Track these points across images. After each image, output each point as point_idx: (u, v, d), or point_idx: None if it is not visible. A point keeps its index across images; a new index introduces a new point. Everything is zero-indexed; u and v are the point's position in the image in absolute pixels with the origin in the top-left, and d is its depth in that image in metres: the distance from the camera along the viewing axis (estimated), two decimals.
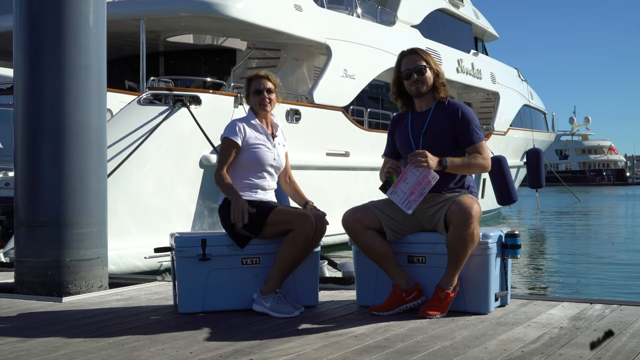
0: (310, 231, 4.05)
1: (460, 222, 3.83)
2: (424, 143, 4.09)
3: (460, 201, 3.90)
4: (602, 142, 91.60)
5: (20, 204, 4.99)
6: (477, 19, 21.85)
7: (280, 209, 4.15)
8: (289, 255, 4.05)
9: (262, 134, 4.31)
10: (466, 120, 4.08)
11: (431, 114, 4.14)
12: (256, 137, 4.28)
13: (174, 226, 9.26)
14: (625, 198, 42.68)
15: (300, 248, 4.05)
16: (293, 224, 4.04)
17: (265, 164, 4.28)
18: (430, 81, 4.13)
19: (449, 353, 3.10)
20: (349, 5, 14.93)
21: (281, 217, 4.09)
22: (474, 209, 3.85)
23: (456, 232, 3.84)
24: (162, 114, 9.60)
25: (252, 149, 4.25)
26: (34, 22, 4.96)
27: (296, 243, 4.03)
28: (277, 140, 4.38)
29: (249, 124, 4.32)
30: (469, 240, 3.84)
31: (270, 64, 14.30)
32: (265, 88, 4.32)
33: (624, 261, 11.74)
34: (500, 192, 17.80)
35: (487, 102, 21.69)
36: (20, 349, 3.30)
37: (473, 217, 3.83)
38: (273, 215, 4.09)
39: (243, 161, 4.25)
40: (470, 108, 4.20)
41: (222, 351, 3.19)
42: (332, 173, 12.68)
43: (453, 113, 4.10)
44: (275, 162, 4.33)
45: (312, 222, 4.06)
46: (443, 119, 4.10)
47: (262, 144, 4.28)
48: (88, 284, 4.91)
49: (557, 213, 26.15)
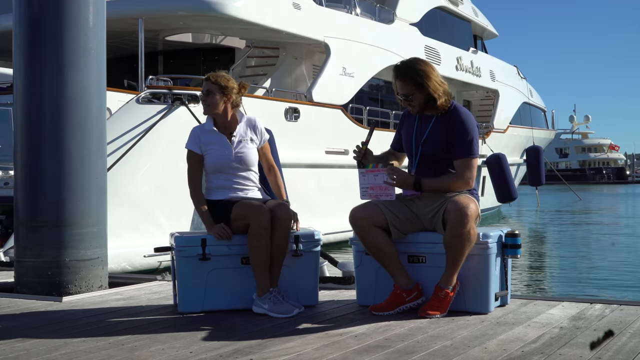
0: (264, 220, 4.02)
1: (456, 221, 3.82)
2: (422, 151, 4.09)
3: (456, 200, 3.89)
4: (602, 141, 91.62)
5: (20, 204, 4.98)
6: (476, 16, 21.84)
7: (241, 203, 4.16)
8: (254, 249, 4.04)
9: (216, 136, 4.28)
10: (462, 132, 4.01)
11: (433, 122, 4.09)
12: (210, 141, 4.27)
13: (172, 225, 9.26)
14: (625, 196, 42.71)
15: (261, 240, 4.02)
16: (248, 217, 4.05)
17: (224, 166, 4.25)
18: (421, 101, 4.04)
19: (449, 353, 3.10)
20: (347, 3, 14.92)
21: (239, 210, 4.12)
22: (470, 208, 3.84)
23: (453, 231, 3.84)
24: (160, 112, 9.60)
25: (208, 154, 4.27)
26: (33, 22, 4.96)
27: (253, 236, 4.02)
28: (237, 138, 4.30)
29: (203, 131, 4.32)
30: (466, 240, 3.83)
31: (269, 62, 14.30)
32: (204, 91, 4.30)
33: (624, 261, 11.74)
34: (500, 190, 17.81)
35: (487, 100, 21.69)
36: (20, 349, 3.29)
37: (469, 216, 3.82)
38: (234, 210, 4.13)
39: (206, 167, 4.30)
40: (472, 117, 4.12)
41: (222, 351, 3.19)
42: (331, 171, 12.69)
43: (452, 122, 4.04)
44: (236, 162, 4.26)
45: (263, 212, 4.03)
46: (443, 127, 4.05)
47: (215, 148, 4.26)
48: (88, 284, 4.91)
49: (557, 212, 26.15)
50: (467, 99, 21.70)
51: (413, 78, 4.00)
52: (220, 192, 4.26)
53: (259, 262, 4.06)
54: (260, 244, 4.04)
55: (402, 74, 4.04)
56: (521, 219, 22.60)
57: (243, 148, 4.30)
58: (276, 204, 4.17)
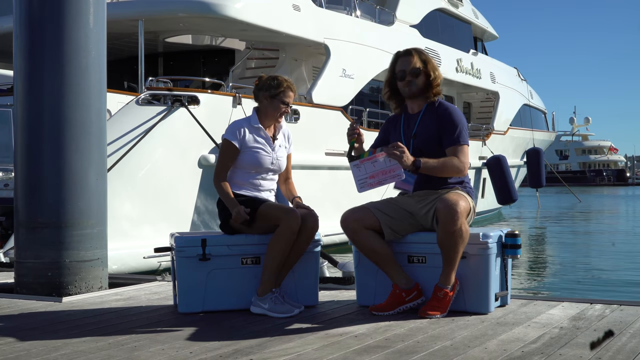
0: (296, 226, 4.04)
1: (446, 219, 3.82)
2: (414, 145, 4.09)
3: (445, 198, 3.89)
4: (602, 143, 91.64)
5: (20, 205, 4.99)
6: (476, 18, 21.84)
7: (269, 203, 4.18)
8: (276, 252, 4.04)
9: (262, 137, 4.30)
10: (451, 122, 4.05)
11: (421, 116, 4.14)
12: (255, 140, 4.28)
13: (173, 226, 9.27)
14: (625, 198, 42.69)
15: (286, 244, 4.04)
16: (279, 219, 4.05)
17: (262, 167, 4.28)
18: (422, 83, 4.12)
19: (449, 353, 3.10)
20: (347, 5, 14.93)
21: (269, 211, 4.12)
22: (460, 205, 3.83)
23: (443, 229, 3.84)
24: (160, 114, 9.60)
25: (249, 151, 4.26)
26: (34, 23, 4.96)
27: (282, 239, 4.03)
28: (278, 142, 4.37)
29: (249, 126, 4.31)
30: (458, 237, 3.83)
31: (269, 64, 14.30)
32: (288, 101, 4.32)
33: (624, 261, 11.74)
34: (501, 192, 17.82)
35: (487, 102, 21.69)
36: (20, 349, 3.29)
37: (459, 213, 3.82)
38: (262, 208, 4.12)
39: (240, 163, 4.27)
40: (459, 111, 4.19)
41: (222, 351, 3.19)
42: (331, 173, 12.68)
43: (440, 114, 4.09)
44: (273, 165, 4.32)
45: (297, 217, 4.05)
46: (431, 120, 4.10)
47: (261, 148, 4.28)
48: (88, 285, 4.91)
49: (558, 213, 26.15)
50: (467, 100, 21.71)
51: (420, 53, 4.17)
52: (245, 188, 4.27)
53: (274, 264, 4.07)
54: (284, 247, 4.05)
55: (407, 52, 4.18)
56: (521, 220, 22.58)
57: (281, 153, 4.36)
58: (306, 212, 4.19)
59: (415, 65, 4.11)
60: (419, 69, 4.11)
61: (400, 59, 4.18)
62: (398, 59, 4.19)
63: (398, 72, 4.15)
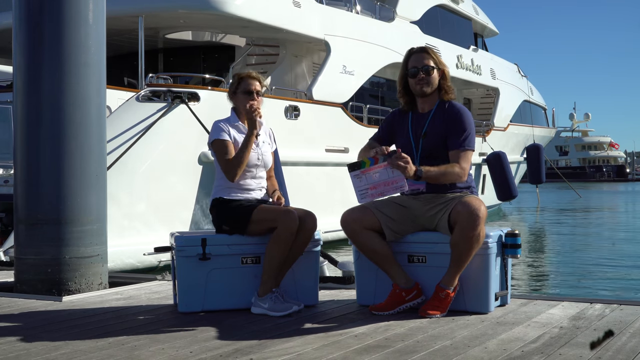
0: (294, 227, 4.02)
1: (467, 223, 3.81)
2: (423, 145, 4.08)
3: (467, 202, 3.87)
4: (602, 138, 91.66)
5: (20, 202, 4.98)
6: (476, 14, 21.83)
7: (264, 206, 4.16)
8: (274, 253, 4.03)
9: (244, 133, 4.27)
10: (459, 125, 4.03)
11: (431, 116, 4.11)
12: (239, 137, 4.26)
13: (172, 223, 9.27)
14: (625, 194, 42.70)
15: (284, 245, 4.03)
16: (276, 221, 4.04)
17: (249, 164, 4.24)
18: (435, 82, 4.11)
19: (449, 353, 3.10)
20: (347, 1, 14.91)
21: (264, 214, 4.10)
22: (481, 210, 3.83)
23: (462, 232, 3.83)
24: (160, 110, 9.59)
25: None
26: (33, 20, 4.95)
27: (280, 240, 4.02)
28: (261, 139, 4.34)
29: (231, 124, 4.31)
30: (475, 242, 3.83)
31: (269, 60, 14.29)
32: (255, 90, 4.31)
33: (624, 261, 11.73)
34: (500, 188, 17.84)
35: (487, 98, 21.68)
36: (20, 349, 3.29)
37: (480, 218, 3.82)
38: (256, 213, 4.10)
39: None
40: (470, 114, 4.16)
41: (222, 351, 3.19)
42: (331, 169, 12.68)
43: (450, 115, 4.07)
44: (259, 162, 4.29)
45: (294, 218, 4.03)
46: (441, 121, 4.08)
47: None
48: (88, 282, 4.91)
49: (558, 210, 26.14)
50: (467, 97, 21.70)
51: (432, 52, 4.16)
52: (235, 191, 4.23)
53: (273, 265, 4.06)
54: (283, 248, 4.03)
55: (421, 49, 4.18)
56: (521, 217, 22.59)
57: (266, 149, 4.35)
58: (304, 212, 4.17)
59: (428, 62, 4.10)
60: (432, 67, 4.09)
61: (413, 55, 4.16)
62: (411, 56, 4.17)
63: (411, 69, 4.13)
